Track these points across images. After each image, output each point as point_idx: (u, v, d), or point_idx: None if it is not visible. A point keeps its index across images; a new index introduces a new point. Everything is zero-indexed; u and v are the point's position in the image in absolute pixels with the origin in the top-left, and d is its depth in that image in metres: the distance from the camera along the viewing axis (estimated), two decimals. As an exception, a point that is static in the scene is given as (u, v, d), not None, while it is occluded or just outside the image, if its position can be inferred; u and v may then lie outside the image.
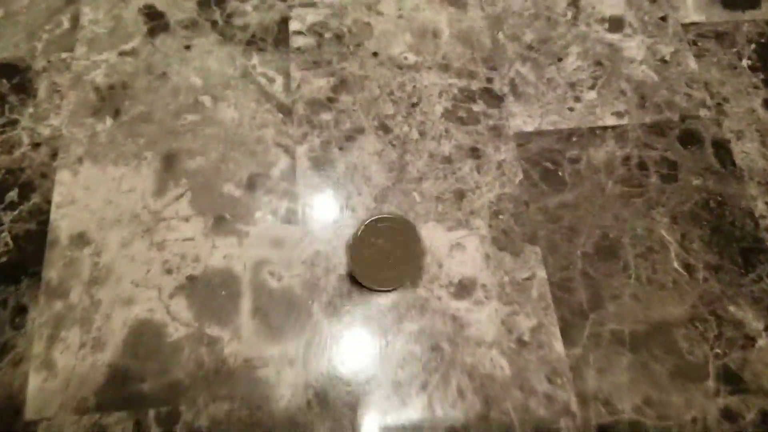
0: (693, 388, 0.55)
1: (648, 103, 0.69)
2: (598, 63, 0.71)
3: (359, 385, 0.55)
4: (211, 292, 0.58)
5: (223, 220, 0.61)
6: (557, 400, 0.55)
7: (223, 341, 0.56)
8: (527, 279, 0.59)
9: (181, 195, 0.62)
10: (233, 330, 0.56)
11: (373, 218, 0.58)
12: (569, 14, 0.74)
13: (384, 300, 0.58)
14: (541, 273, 0.60)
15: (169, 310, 0.57)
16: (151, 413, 0.53)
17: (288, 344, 0.56)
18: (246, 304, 0.57)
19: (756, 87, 0.70)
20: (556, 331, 0.57)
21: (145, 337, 0.56)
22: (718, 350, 0.57)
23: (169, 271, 0.58)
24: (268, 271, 0.59)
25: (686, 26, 0.74)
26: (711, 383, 0.56)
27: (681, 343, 0.57)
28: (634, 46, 0.73)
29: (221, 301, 0.57)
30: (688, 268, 0.60)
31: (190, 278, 0.58)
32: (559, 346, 0.57)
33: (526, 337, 0.57)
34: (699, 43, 0.73)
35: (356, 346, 0.56)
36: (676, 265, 0.60)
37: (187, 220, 0.61)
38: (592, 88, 0.70)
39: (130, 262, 0.59)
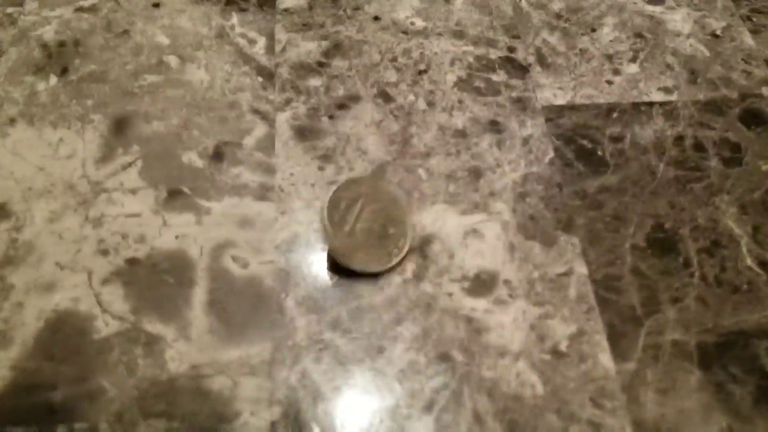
0: (786, 418, 0.42)
1: (700, 78, 0.58)
2: (639, 35, 0.60)
3: (342, 403, 0.41)
4: (155, 280, 0.45)
5: (179, 194, 0.49)
6: (607, 429, 0.41)
7: (165, 341, 0.43)
8: (563, 275, 0.46)
9: (131, 163, 0.50)
10: (180, 327, 0.43)
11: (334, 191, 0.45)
12: (603, -15, 0.64)
13: (378, 296, 0.45)
14: (581, 268, 0.47)
15: (100, 299, 0.44)
16: (61, 431, 0.39)
17: (251, 347, 0.43)
18: (200, 295, 0.44)
19: (829, 64, 0.59)
20: (603, 340, 0.44)
21: (64, 333, 0.42)
22: (815, 370, 0.43)
23: (104, 253, 0.46)
24: (232, 255, 0.46)
25: (737, 1, 0.64)
26: (810, 413, 0.42)
27: (765, 359, 0.44)
28: (678, 20, 0.62)
29: (168, 291, 0.44)
30: (764, 266, 0.47)
31: (131, 261, 0.45)
32: (606, 359, 0.43)
33: (563, 347, 0.43)
34: (754, 19, 0.63)
35: (340, 352, 0.43)
36: (749, 262, 0.48)
37: (134, 192, 0.49)
38: (633, 60, 0.58)
39: (57, 240, 0.46)
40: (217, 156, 0.51)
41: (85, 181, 0.49)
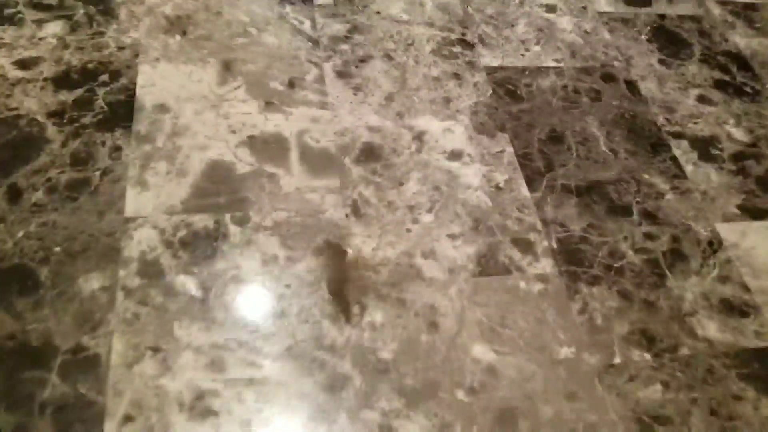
0: (622, 220, 0.77)
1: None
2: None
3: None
4: (268, 148, 0.75)
5: (272, 104, 0.80)
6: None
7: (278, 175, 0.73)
8: (500, 152, 0.80)
9: (238, 87, 0.81)
10: (287, 169, 0.74)
11: None
12: None
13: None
14: (510, 149, 0.81)
15: (236, 155, 0.74)
16: (227, 217, 0.69)
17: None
18: (293, 156, 0.75)
19: (651, 51, 0.97)
20: (523, 184, 0.78)
21: (216, 171, 0.72)
22: (638, 199, 0.79)
23: (233, 130, 0.76)
24: (309, 137, 0.77)
25: (601, 14, 1.02)
26: (635, 218, 0.77)
27: (612, 194, 0.79)
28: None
29: (276, 151, 0.75)
30: (613, 151, 0.83)
31: (250, 138, 0.76)
32: (525, 191, 0.77)
33: (502, 184, 0.77)
34: (609, 23, 1.01)
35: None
36: (604, 148, 0.83)
37: (244, 101, 0.79)
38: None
39: (202, 125, 0.76)
40: (291, 84, 0.82)
41: (213, 95, 0.79)
